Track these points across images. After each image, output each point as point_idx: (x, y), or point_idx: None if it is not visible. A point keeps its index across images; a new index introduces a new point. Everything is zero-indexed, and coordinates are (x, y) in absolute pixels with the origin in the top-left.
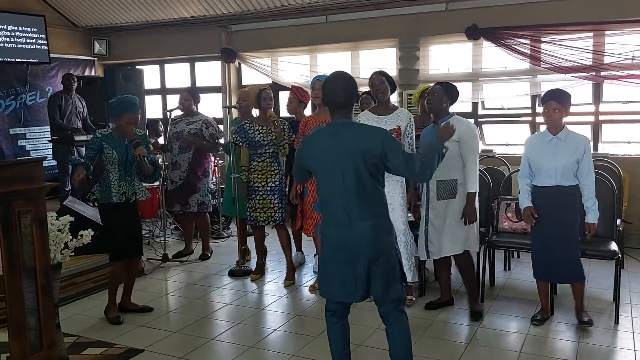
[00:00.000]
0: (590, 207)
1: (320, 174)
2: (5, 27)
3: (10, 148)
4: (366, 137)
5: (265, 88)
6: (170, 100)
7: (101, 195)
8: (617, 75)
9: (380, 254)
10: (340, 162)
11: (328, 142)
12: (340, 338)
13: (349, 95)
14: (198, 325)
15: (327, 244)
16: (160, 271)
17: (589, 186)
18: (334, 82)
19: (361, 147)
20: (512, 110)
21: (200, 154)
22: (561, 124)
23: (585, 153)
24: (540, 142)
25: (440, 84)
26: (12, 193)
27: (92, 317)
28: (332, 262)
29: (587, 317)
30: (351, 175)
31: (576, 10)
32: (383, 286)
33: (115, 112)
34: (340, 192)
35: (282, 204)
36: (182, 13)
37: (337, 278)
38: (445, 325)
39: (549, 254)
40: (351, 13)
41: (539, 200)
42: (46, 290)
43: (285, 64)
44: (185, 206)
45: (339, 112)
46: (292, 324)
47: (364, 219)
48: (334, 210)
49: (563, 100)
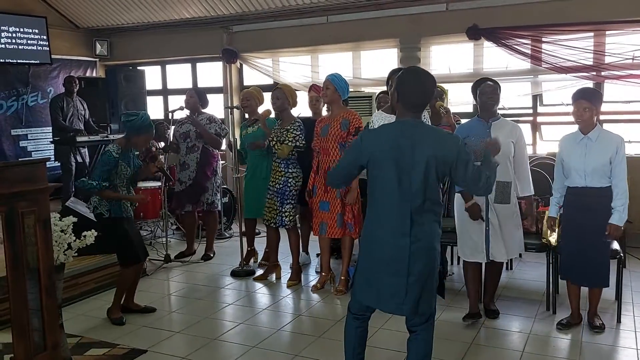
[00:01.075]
0: (617, 208)
1: (385, 173)
2: (7, 29)
3: (12, 149)
4: (444, 142)
5: (280, 87)
6: (171, 101)
7: (111, 209)
8: (618, 75)
9: (432, 263)
10: (411, 164)
11: (397, 141)
12: (358, 343)
13: (431, 97)
14: (201, 326)
15: (382, 251)
16: (162, 272)
17: (619, 186)
18: (421, 78)
19: (437, 152)
20: (513, 110)
21: (208, 154)
22: (592, 123)
23: (617, 152)
24: (572, 142)
25: (493, 81)
26: (16, 194)
27: (95, 318)
28: (385, 271)
29: (599, 322)
30: (420, 178)
31: (577, 11)
32: (428, 299)
33: (136, 129)
34: (406, 195)
35: (283, 208)
36: (184, 14)
37: (388, 288)
38: (448, 325)
39: (577, 255)
40: (352, 13)
41: (570, 201)
42: (50, 290)
43: (286, 64)
44: (196, 205)
45: (415, 112)
46: (295, 324)
47: (425, 225)
48: (392, 213)
49: (594, 99)
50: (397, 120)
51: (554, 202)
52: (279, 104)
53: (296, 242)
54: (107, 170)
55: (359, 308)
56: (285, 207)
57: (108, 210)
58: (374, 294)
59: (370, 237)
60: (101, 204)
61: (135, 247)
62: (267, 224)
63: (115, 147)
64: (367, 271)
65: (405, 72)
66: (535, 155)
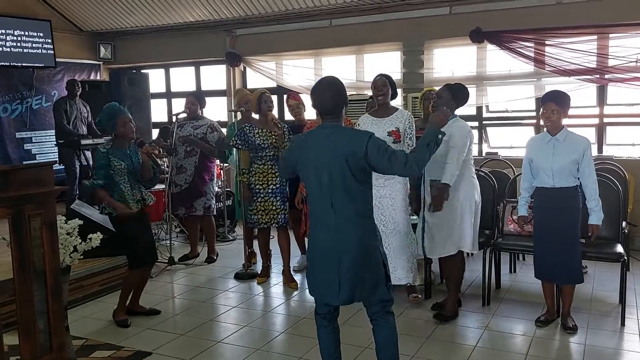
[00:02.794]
0: (593, 208)
1: (309, 176)
2: (12, 32)
3: (16, 152)
4: (350, 139)
5: (265, 92)
6: (175, 104)
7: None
8: (621, 78)
9: (363, 256)
10: (328, 165)
11: (318, 144)
12: (331, 342)
13: (336, 104)
14: (205, 328)
15: (314, 245)
16: (166, 274)
17: (590, 187)
18: (322, 89)
19: (346, 150)
20: (517, 113)
21: (206, 158)
22: (560, 125)
23: (584, 154)
24: (539, 143)
25: (449, 85)
26: (23, 197)
27: (100, 320)
28: (319, 263)
29: (572, 323)
30: (338, 177)
31: (580, 13)
32: (369, 289)
33: (108, 122)
34: (327, 194)
35: (284, 206)
36: (187, 17)
37: (323, 279)
38: (451, 327)
39: (548, 255)
40: (355, 17)
41: (539, 201)
42: (56, 293)
43: (289, 67)
44: (189, 209)
45: (328, 117)
46: (299, 327)
47: (349, 221)
48: (320, 212)
49: (561, 102)
50: (318, 126)
51: (522, 202)
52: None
53: (287, 243)
54: (100, 166)
55: (320, 307)
56: (285, 205)
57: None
58: (316, 288)
59: (310, 235)
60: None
61: (141, 250)
62: (266, 226)
63: (104, 144)
64: (310, 267)
65: (316, 83)
66: None
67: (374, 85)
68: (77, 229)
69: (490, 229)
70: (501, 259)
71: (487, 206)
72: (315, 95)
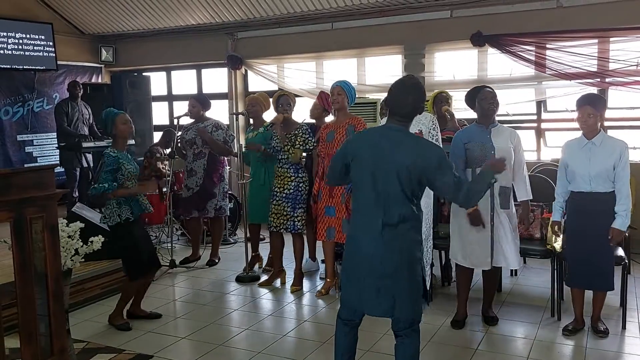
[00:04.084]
0: (620, 213)
1: (362, 176)
2: (13, 35)
3: (18, 155)
4: (424, 151)
5: (285, 94)
6: (177, 107)
7: (134, 209)
8: (622, 82)
9: (408, 268)
10: (388, 166)
11: (381, 141)
12: (348, 348)
13: (414, 109)
14: (206, 331)
15: (357, 250)
16: (167, 277)
17: (622, 191)
18: (405, 90)
19: (416, 159)
20: (518, 116)
21: (215, 160)
22: (596, 128)
23: (621, 158)
24: (576, 147)
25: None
26: (25, 200)
27: (101, 323)
28: (359, 270)
29: (603, 326)
30: (395, 182)
31: (580, 17)
32: (408, 303)
33: (108, 122)
34: (382, 201)
35: (295, 213)
36: (189, 20)
37: (363, 288)
38: (453, 331)
39: (584, 262)
40: (357, 20)
41: (575, 206)
42: (57, 296)
43: (291, 70)
44: (203, 212)
45: (401, 120)
46: (301, 330)
47: (402, 232)
48: (367, 214)
49: (598, 105)
50: (383, 125)
51: (557, 207)
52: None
53: (301, 248)
54: (110, 170)
55: (347, 314)
56: (297, 211)
57: (119, 215)
58: (356, 295)
59: (351, 238)
60: (123, 210)
61: (143, 259)
62: (276, 230)
63: (111, 148)
64: (349, 272)
65: (395, 82)
66: (540, 161)
67: None
68: (78, 232)
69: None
70: None
71: None
72: (395, 94)
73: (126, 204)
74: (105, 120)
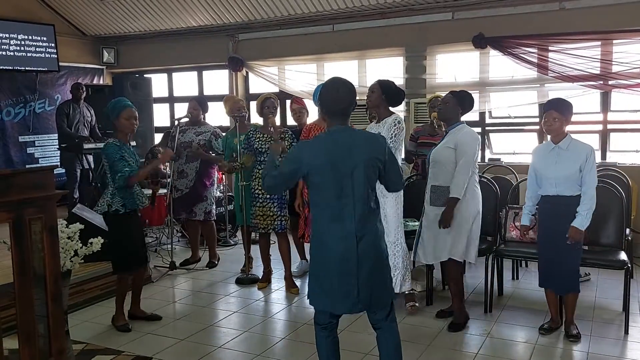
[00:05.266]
0: (580, 212)
1: (324, 182)
2: (15, 36)
3: (19, 155)
4: (375, 143)
5: (271, 96)
6: (178, 108)
7: (126, 202)
8: (625, 84)
9: (379, 259)
10: (350, 170)
11: (337, 149)
12: (332, 352)
13: (351, 103)
14: (205, 333)
15: (328, 254)
16: (167, 279)
17: (587, 193)
18: (339, 88)
19: (371, 153)
20: (520, 119)
21: (208, 164)
22: (562, 132)
23: (587, 161)
24: (543, 152)
25: (454, 92)
26: (24, 201)
27: (100, 325)
28: (335, 273)
29: (575, 331)
30: (361, 183)
31: (583, 20)
32: (383, 291)
33: (113, 112)
34: (349, 199)
35: (282, 212)
36: (190, 22)
37: (340, 290)
38: (453, 334)
39: (550, 263)
40: (358, 22)
41: (543, 209)
42: (56, 297)
43: (292, 72)
44: (190, 214)
45: (343, 119)
46: (299, 333)
47: (371, 227)
48: (338, 218)
49: (563, 110)
50: (328, 130)
51: (526, 211)
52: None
53: (288, 249)
54: (120, 157)
55: (322, 318)
56: (284, 211)
57: (108, 205)
58: (328, 298)
59: (319, 242)
60: (114, 201)
61: (129, 251)
62: (264, 231)
63: (114, 141)
64: (319, 276)
65: (322, 87)
66: None
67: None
68: (77, 233)
69: (493, 236)
70: (503, 265)
71: (490, 212)
72: (332, 95)
73: (119, 195)
74: (111, 109)
